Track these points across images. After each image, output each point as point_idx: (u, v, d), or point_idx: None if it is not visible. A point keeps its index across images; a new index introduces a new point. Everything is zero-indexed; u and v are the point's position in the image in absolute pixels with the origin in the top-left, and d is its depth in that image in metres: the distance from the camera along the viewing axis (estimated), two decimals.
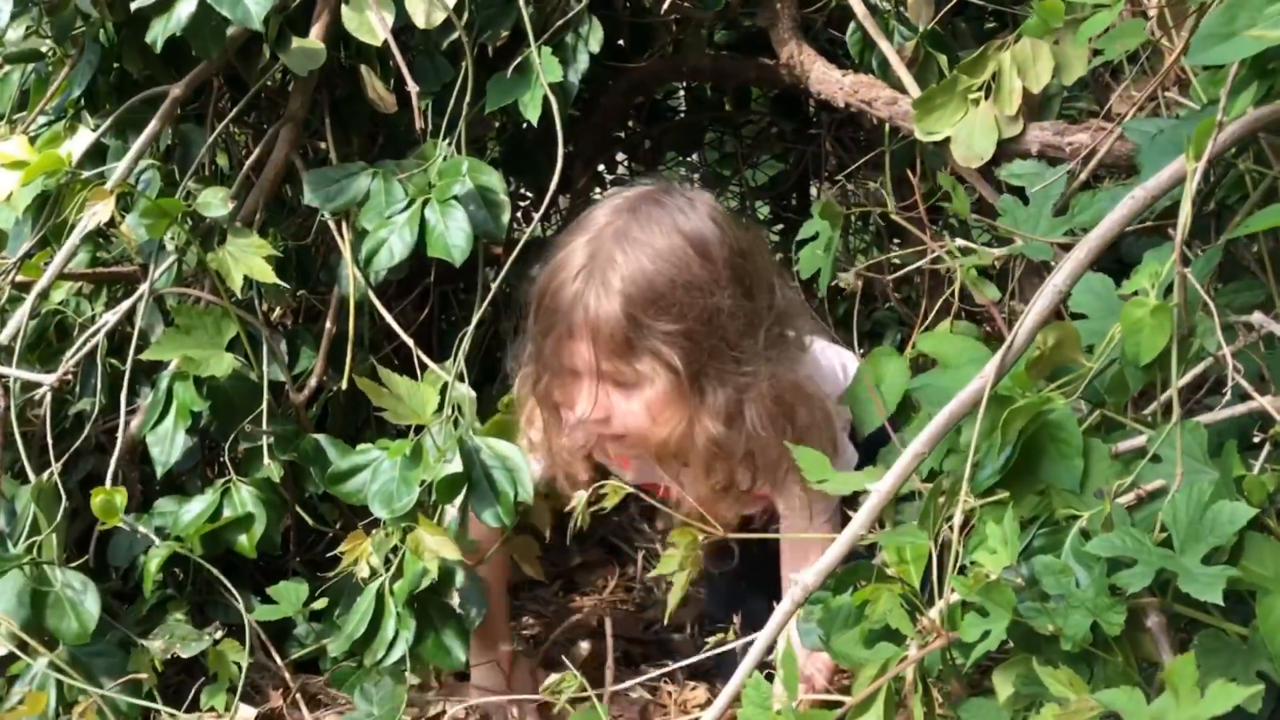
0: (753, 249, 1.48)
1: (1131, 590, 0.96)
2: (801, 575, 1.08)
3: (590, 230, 1.41)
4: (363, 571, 1.48)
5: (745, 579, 1.78)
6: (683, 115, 2.69)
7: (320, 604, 1.58)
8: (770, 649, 1.10)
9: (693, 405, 1.39)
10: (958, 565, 1.05)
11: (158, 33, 1.46)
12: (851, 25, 1.82)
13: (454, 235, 1.54)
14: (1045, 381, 1.17)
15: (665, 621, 1.53)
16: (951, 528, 1.04)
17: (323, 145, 1.79)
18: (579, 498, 1.26)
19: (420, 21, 1.61)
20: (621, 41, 2.19)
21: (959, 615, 1.05)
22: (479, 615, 1.50)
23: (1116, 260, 1.43)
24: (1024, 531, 1.06)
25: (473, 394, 1.55)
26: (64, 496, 1.51)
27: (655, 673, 1.72)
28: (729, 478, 1.45)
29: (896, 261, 2.23)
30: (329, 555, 1.71)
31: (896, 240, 2.44)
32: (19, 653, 1.44)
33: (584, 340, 1.38)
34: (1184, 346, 1.08)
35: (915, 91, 1.71)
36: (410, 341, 1.61)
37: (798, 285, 1.78)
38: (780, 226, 2.79)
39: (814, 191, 2.70)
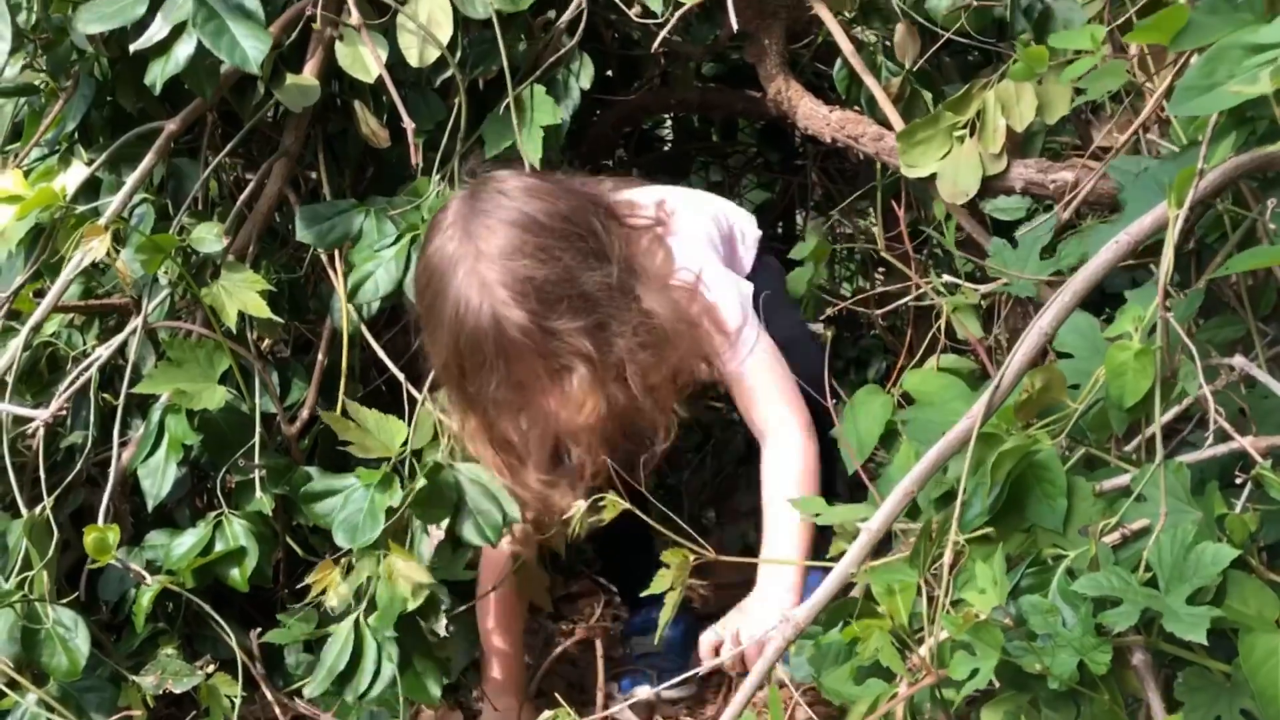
0: (569, 206, 1.50)
1: (1117, 630, 0.98)
2: (792, 612, 1.09)
3: (456, 268, 1.43)
4: (330, 601, 1.50)
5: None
6: (670, 146, 2.71)
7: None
8: (762, 685, 1.11)
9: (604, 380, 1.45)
10: (947, 603, 1.06)
11: (156, 75, 1.47)
12: (838, 61, 1.84)
13: None
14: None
15: (656, 642, 1.53)
16: (940, 565, 1.06)
17: (313, 175, 1.81)
18: (577, 507, 1.27)
19: (414, 60, 1.62)
20: (610, 73, 2.22)
21: (948, 653, 1.06)
22: (465, 656, 1.52)
23: (1099, 291, 1.46)
24: (1011, 570, 1.08)
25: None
26: (55, 530, 1.51)
27: (641, 695, 1.75)
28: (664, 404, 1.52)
29: (883, 289, 2.25)
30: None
31: (882, 270, 2.47)
32: (8, 690, 1.44)
33: (502, 364, 1.43)
34: (1166, 387, 1.11)
35: (901, 127, 1.74)
36: (400, 375, 1.62)
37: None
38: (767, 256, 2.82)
39: (800, 221, 2.72)
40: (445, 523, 1.49)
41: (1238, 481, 1.10)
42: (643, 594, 1.25)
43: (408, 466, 1.51)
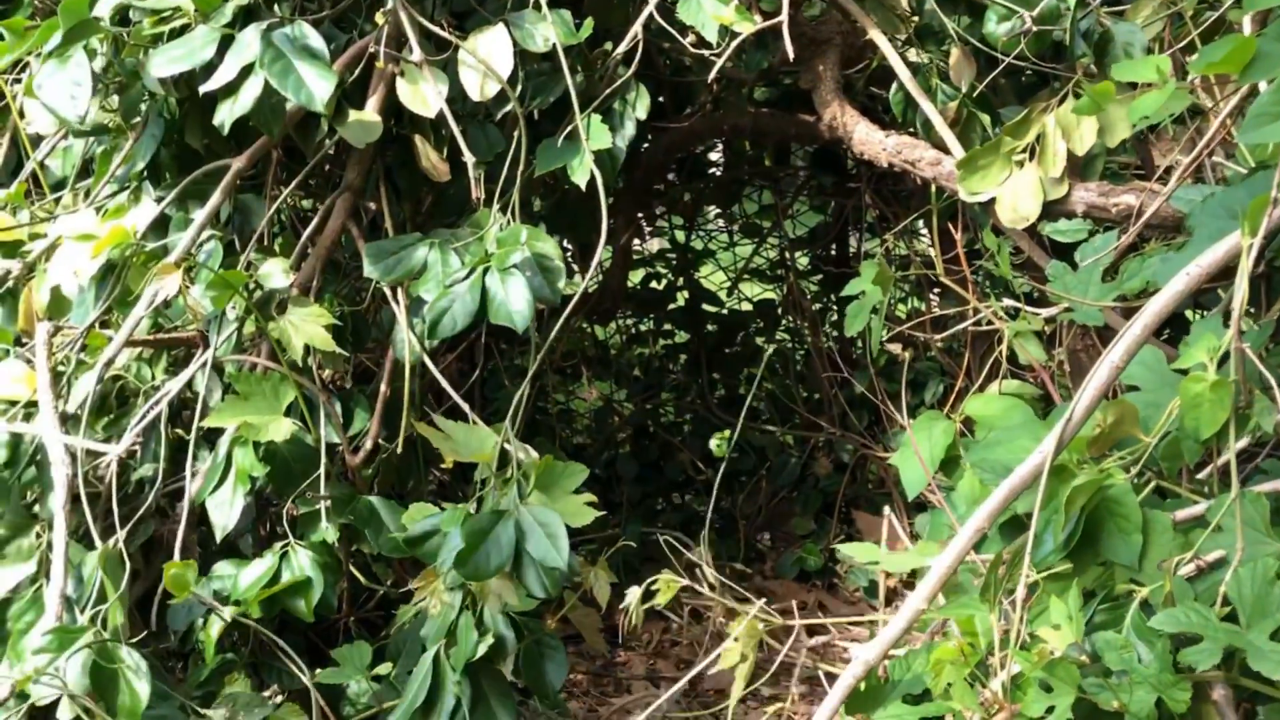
0: None
1: (1199, 669, 0.96)
2: (862, 650, 1.08)
3: None
4: (433, 609, 1.56)
5: None
6: (722, 170, 2.72)
7: (384, 668, 1.60)
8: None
9: None
10: (1020, 639, 1.05)
11: (224, 115, 1.51)
12: (894, 85, 1.84)
13: (515, 302, 1.56)
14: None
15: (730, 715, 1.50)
16: (1013, 602, 1.05)
17: (373, 207, 1.83)
18: (633, 594, 1.25)
19: (475, 94, 1.64)
20: (662, 99, 2.23)
21: (1024, 688, 1.05)
22: (557, 678, 1.55)
23: None
24: (1085, 605, 1.07)
25: (533, 454, 1.60)
26: (127, 562, 1.54)
27: None
28: None
29: (939, 312, 2.23)
30: (384, 613, 1.73)
31: (937, 290, 2.45)
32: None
33: None
34: (1241, 418, 1.09)
35: (958, 151, 1.73)
36: (465, 405, 1.64)
37: None
38: (819, 277, 2.82)
39: (853, 242, 2.72)
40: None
41: None
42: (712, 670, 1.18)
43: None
